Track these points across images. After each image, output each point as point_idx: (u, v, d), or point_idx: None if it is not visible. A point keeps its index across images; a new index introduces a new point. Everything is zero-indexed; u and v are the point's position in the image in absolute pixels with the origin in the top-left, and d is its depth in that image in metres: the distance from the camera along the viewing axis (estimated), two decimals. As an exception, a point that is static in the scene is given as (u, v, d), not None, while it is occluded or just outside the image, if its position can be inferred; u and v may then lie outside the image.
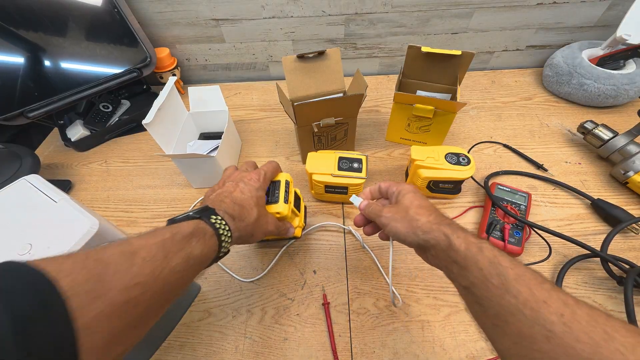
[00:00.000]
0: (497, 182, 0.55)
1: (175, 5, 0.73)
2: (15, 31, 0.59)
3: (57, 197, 0.33)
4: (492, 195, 0.53)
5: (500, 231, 0.49)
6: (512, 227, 0.49)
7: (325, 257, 0.51)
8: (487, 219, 0.51)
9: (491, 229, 0.49)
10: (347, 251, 0.51)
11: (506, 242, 0.47)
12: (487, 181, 0.56)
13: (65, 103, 0.65)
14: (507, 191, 0.54)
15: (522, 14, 0.73)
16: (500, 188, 0.54)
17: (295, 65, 0.57)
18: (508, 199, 0.53)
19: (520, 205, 0.52)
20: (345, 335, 0.43)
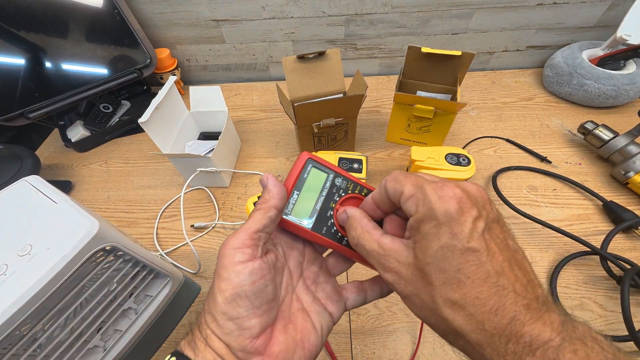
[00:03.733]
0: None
1: (176, 6, 0.73)
2: (15, 32, 0.59)
3: (57, 198, 0.33)
4: (501, 193, 0.53)
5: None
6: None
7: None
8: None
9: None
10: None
11: None
12: (495, 179, 0.56)
13: (65, 104, 0.65)
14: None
15: (522, 14, 0.73)
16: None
17: (296, 65, 0.57)
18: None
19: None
20: (346, 336, 0.43)
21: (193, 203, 0.60)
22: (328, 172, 0.25)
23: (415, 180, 0.20)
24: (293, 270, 0.25)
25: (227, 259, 0.20)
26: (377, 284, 0.26)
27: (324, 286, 0.25)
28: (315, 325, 0.23)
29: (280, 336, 0.21)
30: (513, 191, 0.57)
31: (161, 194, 0.62)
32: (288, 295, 0.24)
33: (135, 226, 0.57)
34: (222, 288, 0.20)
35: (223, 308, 0.19)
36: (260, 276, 0.20)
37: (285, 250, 0.25)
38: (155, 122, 0.53)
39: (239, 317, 0.20)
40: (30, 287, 0.26)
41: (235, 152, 0.67)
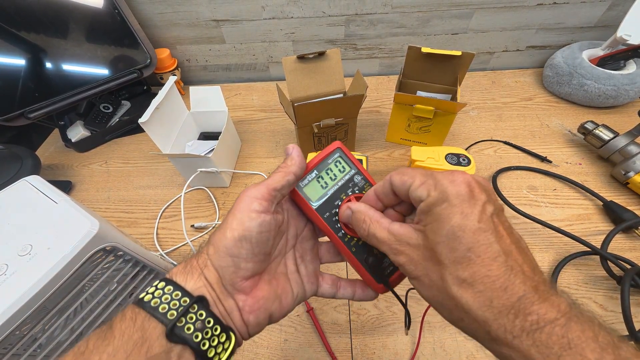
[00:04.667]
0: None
1: (176, 6, 0.73)
2: (16, 32, 0.59)
3: (58, 198, 0.33)
4: (501, 193, 0.53)
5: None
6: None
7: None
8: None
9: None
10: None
11: None
12: (495, 178, 0.56)
13: (65, 104, 0.65)
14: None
15: (522, 14, 0.73)
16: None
17: (296, 65, 0.57)
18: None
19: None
20: (346, 336, 0.43)
21: (193, 203, 0.60)
22: (351, 167, 0.26)
23: (424, 171, 0.21)
24: (289, 239, 0.27)
25: (245, 204, 0.22)
26: (351, 287, 0.27)
27: (308, 265, 0.27)
28: (293, 290, 0.26)
29: (264, 285, 0.24)
30: (513, 191, 0.57)
31: (161, 194, 0.62)
32: (279, 257, 0.26)
33: (135, 226, 0.57)
34: (233, 227, 0.22)
35: (228, 243, 0.21)
36: (267, 229, 0.23)
37: (290, 218, 0.27)
38: (155, 122, 0.53)
39: (238, 257, 0.22)
40: (31, 287, 0.26)
41: (236, 152, 0.67)
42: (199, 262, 0.22)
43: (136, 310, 0.19)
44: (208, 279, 0.22)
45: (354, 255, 0.25)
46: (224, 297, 0.22)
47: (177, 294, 0.20)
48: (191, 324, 0.19)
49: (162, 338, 0.19)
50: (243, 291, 0.22)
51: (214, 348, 0.20)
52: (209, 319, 0.20)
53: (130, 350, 0.17)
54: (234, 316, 0.22)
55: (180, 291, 0.20)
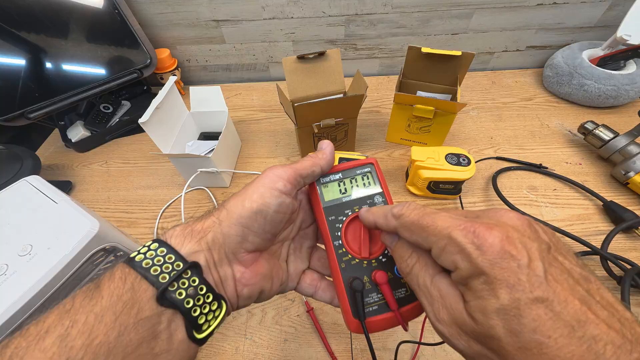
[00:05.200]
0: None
1: (176, 7, 0.73)
2: (16, 32, 0.59)
3: (58, 198, 0.33)
4: (501, 193, 0.53)
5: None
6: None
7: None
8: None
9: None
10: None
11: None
12: (495, 178, 0.56)
13: (66, 104, 0.65)
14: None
15: (522, 14, 0.73)
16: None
17: (296, 66, 0.57)
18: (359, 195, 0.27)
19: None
20: (346, 336, 0.43)
21: (193, 203, 0.60)
22: (377, 185, 0.26)
23: (436, 226, 0.17)
24: (294, 229, 0.27)
25: (270, 180, 0.22)
26: (330, 291, 0.26)
27: (297, 260, 0.27)
28: (282, 277, 0.26)
29: (264, 263, 0.24)
30: (513, 191, 0.57)
31: (161, 194, 0.62)
32: (280, 242, 0.27)
33: (135, 226, 0.57)
34: (253, 198, 0.22)
35: (244, 213, 0.21)
36: (284, 211, 0.23)
37: (301, 210, 0.27)
38: (155, 122, 0.53)
39: (249, 229, 0.22)
40: (31, 287, 0.26)
41: (236, 152, 0.67)
42: (205, 226, 0.22)
43: (126, 270, 0.18)
44: (209, 242, 0.21)
45: (341, 272, 0.23)
46: (221, 264, 0.22)
47: (171, 257, 0.20)
48: (183, 289, 0.19)
49: (153, 301, 0.18)
50: (242, 263, 0.22)
51: (205, 315, 0.20)
52: (202, 285, 0.20)
53: (120, 312, 0.17)
54: (228, 285, 0.22)
55: (174, 254, 0.20)
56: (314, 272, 0.28)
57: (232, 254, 0.22)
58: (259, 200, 0.21)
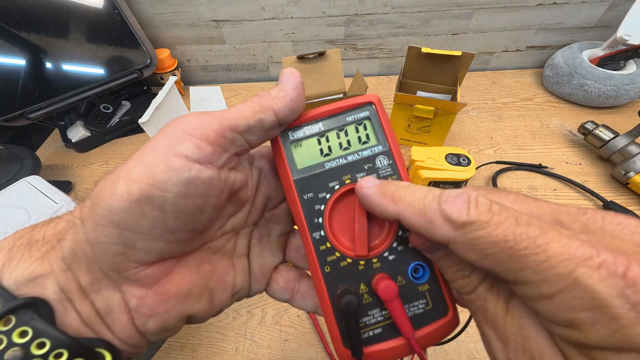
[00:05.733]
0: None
1: (176, 7, 0.73)
2: (16, 33, 0.59)
3: (58, 198, 0.33)
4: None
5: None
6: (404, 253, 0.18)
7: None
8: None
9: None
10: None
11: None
12: (496, 178, 0.56)
13: (66, 104, 0.65)
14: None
15: (522, 14, 0.73)
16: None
17: (296, 66, 0.57)
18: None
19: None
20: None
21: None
22: (380, 140, 0.17)
23: (547, 255, 0.10)
24: (253, 211, 0.18)
25: (167, 140, 0.13)
26: (310, 298, 0.18)
27: (264, 254, 0.19)
28: (236, 281, 0.17)
29: (185, 274, 0.15)
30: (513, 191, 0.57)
31: (161, 194, 0.62)
32: (230, 234, 0.17)
33: (135, 226, 0.57)
34: (132, 176, 0.12)
35: (118, 205, 0.12)
36: (202, 194, 0.13)
37: (262, 182, 0.18)
38: (155, 123, 0.53)
39: (135, 231, 0.12)
40: (31, 287, 0.26)
41: (236, 152, 0.67)
42: (56, 229, 0.13)
43: None
44: (67, 258, 0.13)
45: (324, 279, 0.16)
46: (97, 290, 0.13)
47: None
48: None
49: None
50: (140, 282, 0.14)
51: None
52: (43, 339, 0.11)
53: None
54: (116, 319, 0.13)
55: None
56: (289, 269, 0.19)
57: (115, 272, 0.13)
58: (144, 178, 0.12)
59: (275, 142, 0.16)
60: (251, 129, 0.14)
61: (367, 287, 0.15)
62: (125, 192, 0.12)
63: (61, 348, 0.11)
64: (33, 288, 0.12)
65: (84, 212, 0.13)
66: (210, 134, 0.13)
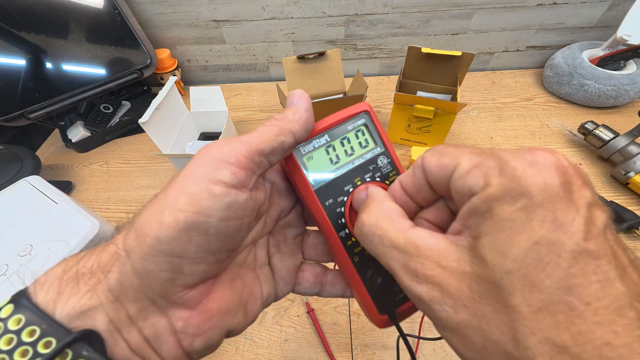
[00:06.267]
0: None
1: (176, 7, 0.73)
2: (16, 33, 0.59)
3: (58, 198, 0.33)
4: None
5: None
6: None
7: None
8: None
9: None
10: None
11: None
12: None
13: (66, 104, 0.65)
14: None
15: (522, 14, 0.73)
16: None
17: (296, 66, 0.57)
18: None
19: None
20: (346, 337, 0.43)
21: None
22: (377, 143, 0.19)
23: (475, 149, 0.13)
24: (267, 222, 0.19)
25: (205, 169, 0.13)
26: (340, 282, 0.20)
27: (285, 259, 0.20)
28: (262, 291, 0.18)
29: (224, 291, 0.16)
30: (513, 191, 0.57)
31: (161, 194, 0.62)
32: (250, 246, 0.18)
33: (135, 226, 0.57)
34: (178, 206, 0.13)
35: (167, 234, 0.13)
36: (240, 215, 0.14)
37: (274, 195, 0.19)
38: (155, 123, 0.53)
39: (182, 257, 0.13)
40: (31, 287, 0.26)
41: (236, 152, 0.67)
42: (101, 263, 0.13)
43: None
44: (114, 290, 0.13)
45: (355, 267, 0.18)
46: (144, 317, 0.14)
47: (33, 331, 0.11)
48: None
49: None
50: (185, 305, 0.14)
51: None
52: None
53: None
54: (164, 343, 0.14)
55: (39, 324, 0.12)
56: (313, 265, 0.21)
57: (162, 298, 0.14)
58: (189, 207, 0.13)
59: (290, 159, 0.18)
60: (274, 151, 0.15)
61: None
62: (173, 221, 0.13)
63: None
64: (84, 321, 0.12)
65: (129, 243, 0.13)
66: (242, 160, 0.14)
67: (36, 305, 0.12)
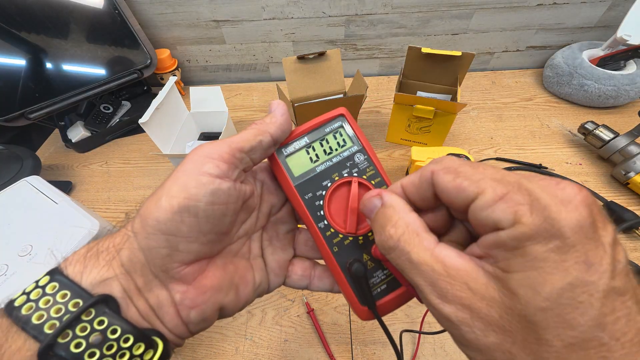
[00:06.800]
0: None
1: (176, 7, 0.73)
2: (16, 33, 0.60)
3: (58, 199, 0.33)
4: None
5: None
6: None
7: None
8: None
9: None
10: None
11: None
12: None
13: (66, 104, 0.65)
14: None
15: (522, 14, 0.73)
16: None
17: (296, 66, 0.57)
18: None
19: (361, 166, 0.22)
20: (346, 337, 0.43)
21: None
22: (354, 142, 0.21)
23: (495, 172, 0.13)
24: (260, 217, 0.22)
25: (193, 164, 0.17)
26: (328, 277, 0.22)
27: (276, 252, 0.22)
28: (255, 279, 0.21)
29: (216, 271, 0.18)
30: (513, 191, 0.57)
31: (161, 194, 0.62)
32: (244, 238, 0.21)
33: (135, 226, 0.57)
34: (172, 193, 0.16)
35: (162, 216, 0.16)
36: (224, 201, 0.17)
37: (265, 192, 0.22)
38: (155, 123, 0.53)
39: (177, 235, 0.16)
40: (31, 288, 0.26)
41: (236, 152, 0.67)
42: (115, 242, 0.17)
43: (1, 320, 0.14)
44: (125, 263, 0.16)
45: (335, 257, 0.20)
46: (150, 288, 0.17)
47: (65, 294, 0.15)
48: (82, 338, 0.14)
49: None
50: (182, 279, 0.17)
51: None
52: (115, 326, 0.15)
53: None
54: (165, 313, 0.17)
55: (69, 290, 0.15)
56: (303, 259, 0.23)
57: (163, 273, 0.17)
58: (181, 194, 0.16)
59: (272, 158, 0.20)
60: (253, 149, 0.18)
61: (368, 256, 0.20)
62: (168, 205, 0.16)
63: (128, 334, 0.15)
64: (103, 288, 0.16)
65: (135, 226, 0.17)
66: (225, 155, 0.17)
67: (67, 276, 0.15)
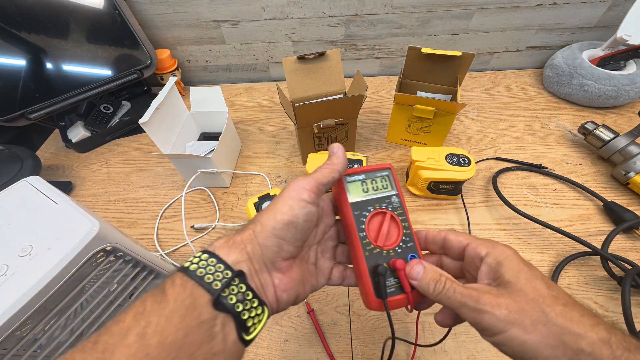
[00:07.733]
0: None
1: (176, 7, 0.73)
2: (16, 33, 0.60)
3: (58, 199, 0.33)
4: (501, 194, 0.53)
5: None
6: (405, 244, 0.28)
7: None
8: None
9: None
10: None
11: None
12: (496, 178, 0.56)
13: (66, 104, 0.65)
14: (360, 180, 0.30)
15: (522, 14, 0.73)
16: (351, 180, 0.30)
17: (296, 66, 0.57)
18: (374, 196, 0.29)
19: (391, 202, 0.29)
20: (346, 337, 0.43)
21: (193, 203, 0.60)
22: (393, 188, 0.30)
23: (475, 238, 0.26)
24: (318, 233, 0.29)
25: (295, 193, 0.24)
26: (353, 278, 0.30)
27: (326, 261, 0.30)
28: (311, 280, 0.28)
29: (297, 268, 0.26)
30: (513, 191, 0.57)
31: (161, 194, 0.62)
32: (307, 247, 0.29)
33: (135, 227, 0.57)
34: (283, 211, 0.24)
35: (277, 225, 0.23)
36: (311, 219, 0.25)
37: (323, 215, 0.29)
38: (155, 123, 0.53)
39: (283, 239, 0.24)
40: (31, 288, 0.26)
41: (236, 152, 0.67)
42: (243, 238, 0.24)
43: (184, 278, 0.21)
44: (249, 253, 0.23)
45: (365, 259, 0.27)
46: (261, 272, 0.24)
47: (220, 267, 0.22)
48: (233, 295, 0.21)
49: (209, 306, 0.20)
50: (280, 270, 0.25)
51: (252, 319, 0.22)
52: (248, 292, 0.22)
53: (184, 315, 0.19)
54: (268, 291, 0.24)
55: (222, 264, 0.22)
56: (338, 265, 0.30)
57: (271, 263, 0.24)
58: (289, 212, 0.24)
59: (339, 183, 0.29)
60: (328, 182, 0.26)
61: (387, 265, 0.27)
62: (281, 219, 0.24)
63: (254, 298, 0.22)
64: (240, 266, 0.23)
65: (257, 230, 0.24)
66: (313, 188, 0.25)
67: (219, 256, 0.22)
